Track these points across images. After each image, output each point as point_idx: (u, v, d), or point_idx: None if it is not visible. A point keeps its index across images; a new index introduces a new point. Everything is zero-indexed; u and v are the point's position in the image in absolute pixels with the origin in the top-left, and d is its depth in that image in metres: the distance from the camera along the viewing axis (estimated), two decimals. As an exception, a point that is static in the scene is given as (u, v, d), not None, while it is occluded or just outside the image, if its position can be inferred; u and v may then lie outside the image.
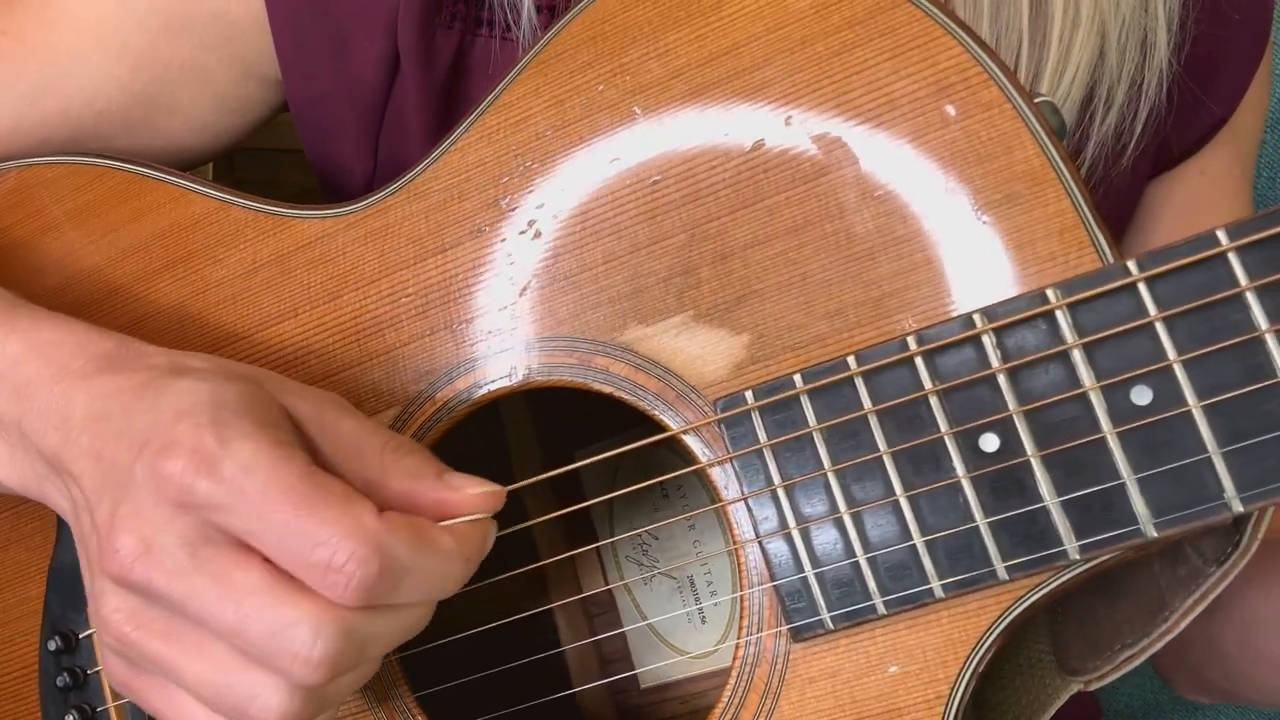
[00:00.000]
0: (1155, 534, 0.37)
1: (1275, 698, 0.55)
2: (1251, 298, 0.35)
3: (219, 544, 0.36)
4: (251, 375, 0.40)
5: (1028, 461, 0.38)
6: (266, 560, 0.36)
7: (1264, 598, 0.51)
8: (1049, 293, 0.37)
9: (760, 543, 0.42)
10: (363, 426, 0.40)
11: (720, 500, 0.43)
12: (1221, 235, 0.36)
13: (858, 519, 0.40)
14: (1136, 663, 0.44)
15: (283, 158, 0.82)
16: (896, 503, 0.40)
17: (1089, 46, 0.52)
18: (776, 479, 0.41)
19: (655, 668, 0.58)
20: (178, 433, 0.36)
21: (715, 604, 0.56)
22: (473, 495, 0.39)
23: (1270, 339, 0.35)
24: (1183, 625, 0.42)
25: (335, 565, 0.34)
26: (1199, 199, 0.64)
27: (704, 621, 0.57)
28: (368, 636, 0.36)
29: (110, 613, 0.38)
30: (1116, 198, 0.60)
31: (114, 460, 0.38)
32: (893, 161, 0.40)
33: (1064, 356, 0.37)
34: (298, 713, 0.36)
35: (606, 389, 0.44)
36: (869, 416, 0.40)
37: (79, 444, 0.39)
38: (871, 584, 0.40)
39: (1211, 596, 0.41)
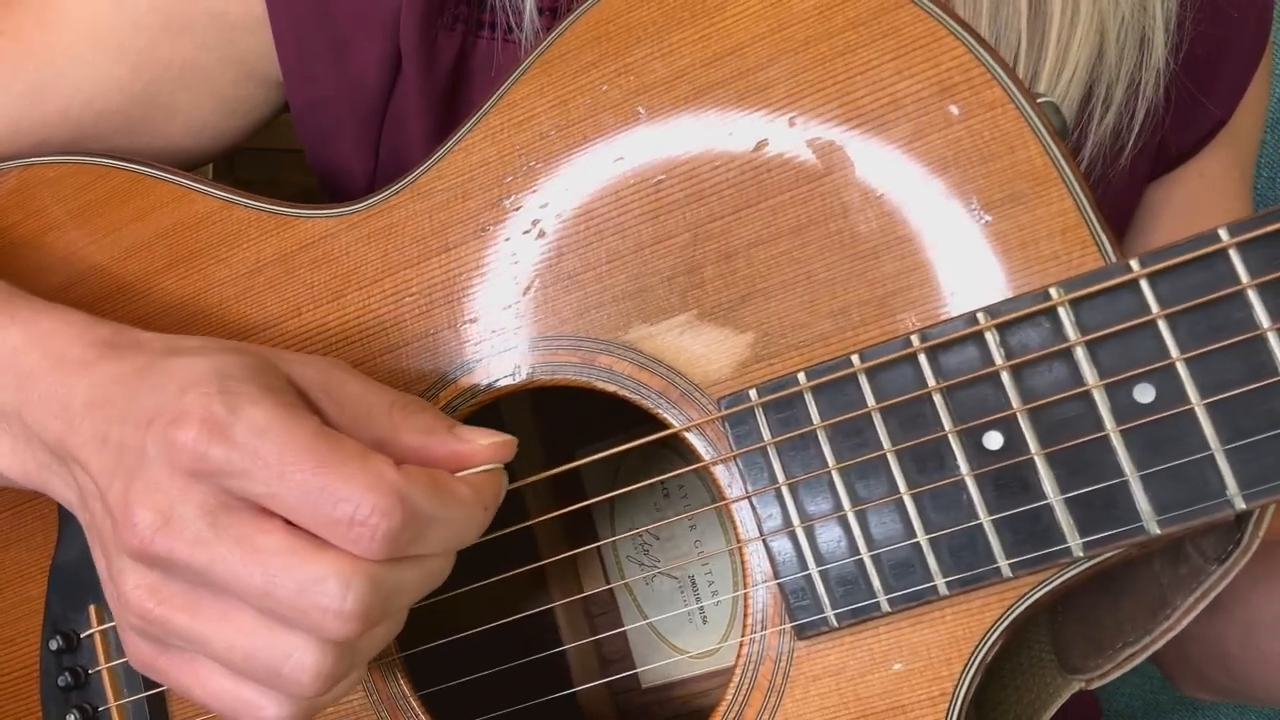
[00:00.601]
0: (1158, 531, 0.37)
1: (1278, 697, 0.56)
2: (1253, 295, 0.36)
3: (238, 510, 0.36)
4: (251, 349, 0.40)
5: (1031, 459, 0.38)
6: (288, 523, 0.36)
7: (1267, 598, 0.51)
8: (1052, 290, 0.38)
9: (764, 541, 0.42)
10: (370, 387, 0.40)
11: (724, 498, 0.43)
12: (1223, 233, 0.36)
13: (862, 517, 0.40)
14: (1138, 661, 0.44)
15: (283, 158, 0.82)
16: (900, 500, 0.40)
17: (1087, 45, 0.52)
18: (780, 477, 0.41)
19: (656, 667, 0.58)
20: (186, 403, 0.36)
21: (716, 603, 0.57)
22: (485, 446, 0.40)
23: (1272, 337, 0.36)
24: (1184, 623, 0.42)
25: (359, 519, 0.35)
26: (1198, 201, 0.64)
27: (705, 621, 0.57)
28: (395, 587, 0.37)
29: (131, 589, 0.37)
30: (1115, 198, 0.61)
31: (122, 441, 0.38)
32: (896, 161, 0.41)
33: (1067, 354, 0.38)
34: (332, 669, 0.36)
35: (610, 388, 0.44)
36: (873, 414, 0.40)
37: (82, 430, 0.39)
38: (875, 581, 0.40)
39: (1213, 594, 0.42)
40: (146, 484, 0.36)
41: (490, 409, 0.48)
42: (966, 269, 0.40)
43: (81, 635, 0.51)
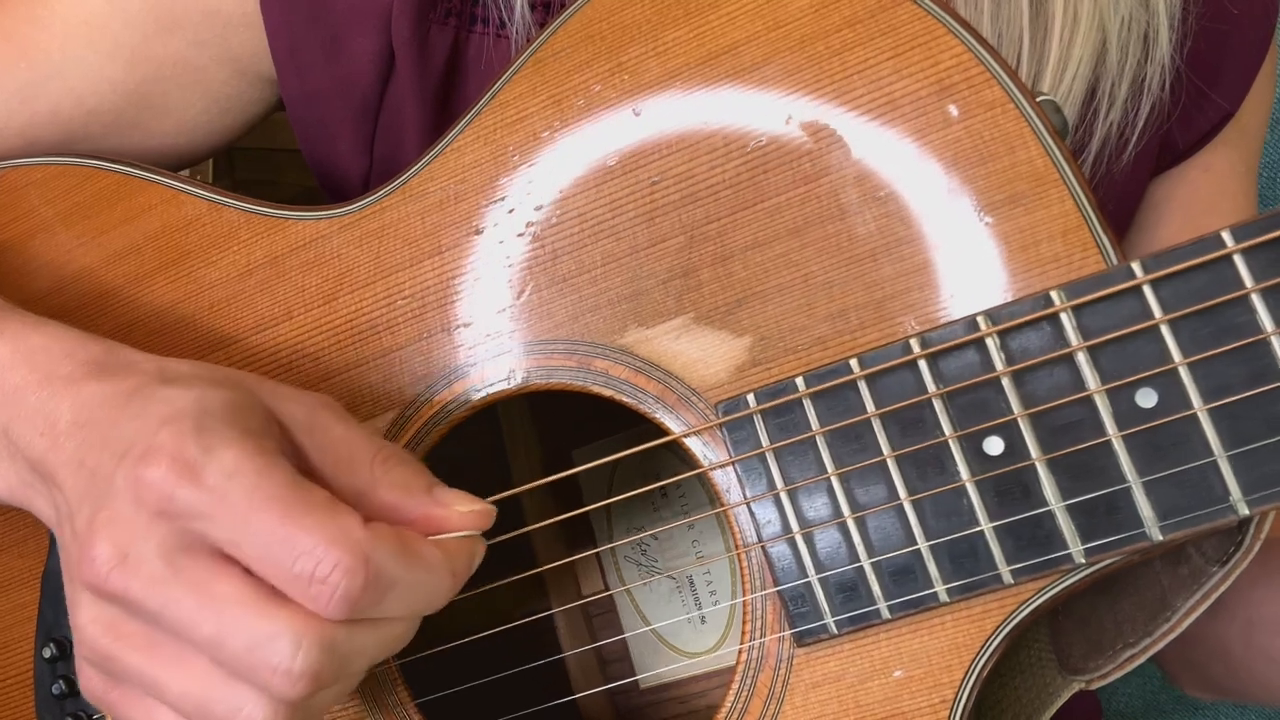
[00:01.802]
0: (1161, 537, 0.37)
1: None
2: (1257, 300, 0.35)
3: (198, 553, 0.35)
4: (240, 381, 0.40)
5: (1033, 465, 0.38)
6: (248, 571, 0.35)
7: (1268, 598, 0.51)
8: (1053, 295, 0.37)
9: (763, 547, 0.41)
10: (354, 434, 0.39)
11: (722, 503, 0.43)
12: (1226, 237, 0.35)
13: (861, 523, 0.40)
14: (1138, 662, 0.44)
15: (282, 157, 0.81)
16: (900, 506, 0.39)
17: (1090, 43, 0.52)
18: (779, 482, 0.41)
19: (655, 670, 0.57)
20: (160, 439, 0.35)
21: (715, 605, 0.56)
22: (462, 513, 0.38)
23: (1275, 341, 0.35)
24: (1185, 625, 0.42)
25: (319, 576, 0.34)
26: (1204, 196, 0.63)
27: (703, 622, 0.57)
28: (350, 650, 0.36)
29: (87, 623, 0.37)
30: (1119, 193, 0.60)
31: (96, 468, 0.37)
32: (894, 162, 0.40)
33: (1068, 359, 0.37)
34: None
35: (607, 392, 0.44)
36: (872, 420, 0.39)
37: (64, 450, 0.38)
38: (875, 588, 0.40)
39: (1214, 596, 0.41)
40: (109, 516, 0.36)
41: (487, 411, 0.47)
42: (966, 272, 0.39)
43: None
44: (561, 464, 0.47)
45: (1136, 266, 0.36)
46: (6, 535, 0.54)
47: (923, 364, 0.39)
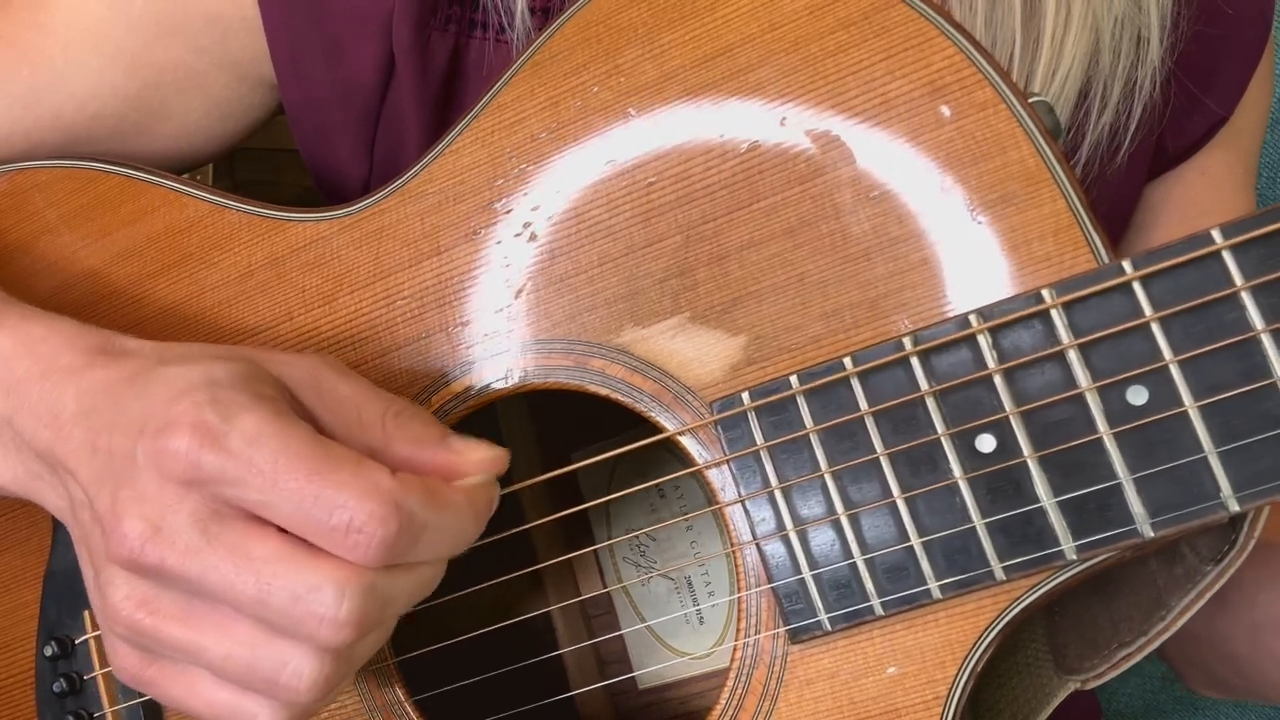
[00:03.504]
0: (1152, 534, 0.37)
1: None
2: (1247, 297, 0.35)
3: (230, 518, 0.36)
4: (240, 353, 0.40)
5: (1024, 462, 0.38)
6: (281, 530, 0.36)
7: (1275, 600, 0.51)
8: (1044, 293, 0.37)
9: (758, 544, 0.42)
10: (361, 391, 0.40)
11: (718, 502, 0.43)
12: (1216, 235, 0.36)
13: (855, 520, 0.40)
14: (1134, 661, 0.44)
15: (283, 158, 0.81)
16: (894, 504, 0.40)
17: (1082, 44, 0.52)
18: (773, 480, 0.41)
19: (653, 668, 0.58)
20: (177, 412, 0.36)
21: (713, 604, 0.56)
22: (477, 459, 0.40)
23: (1266, 338, 0.35)
24: (1180, 624, 0.42)
25: (355, 526, 0.34)
26: (1201, 199, 0.63)
27: (702, 622, 0.57)
28: (389, 594, 0.37)
29: (121, 600, 0.37)
30: (1113, 196, 0.60)
31: (111, 449, 0.37)
32: (888, 162, 0.40)
33: (1060, 357, 0.37)
34: (329, 676, 0.36)
35: (603, 391, 0.44)
36: (865, 418, 0.40)
37: (72, 438, 0.39)
38: (869, 585, 0.40)
39: (1209, 595, 0.41)
40: (135, 493, 0.36)
41: (486, 411, 0.48)
42: (959, 271, 0.40)
43: (76, 641, 0.50)
44: (560, 465, 0.47)
45: (1127, 264, 0.37)
46: (9, 535, 0.54)
47: (915, 362, 0.39)
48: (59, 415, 0.39)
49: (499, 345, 0.46)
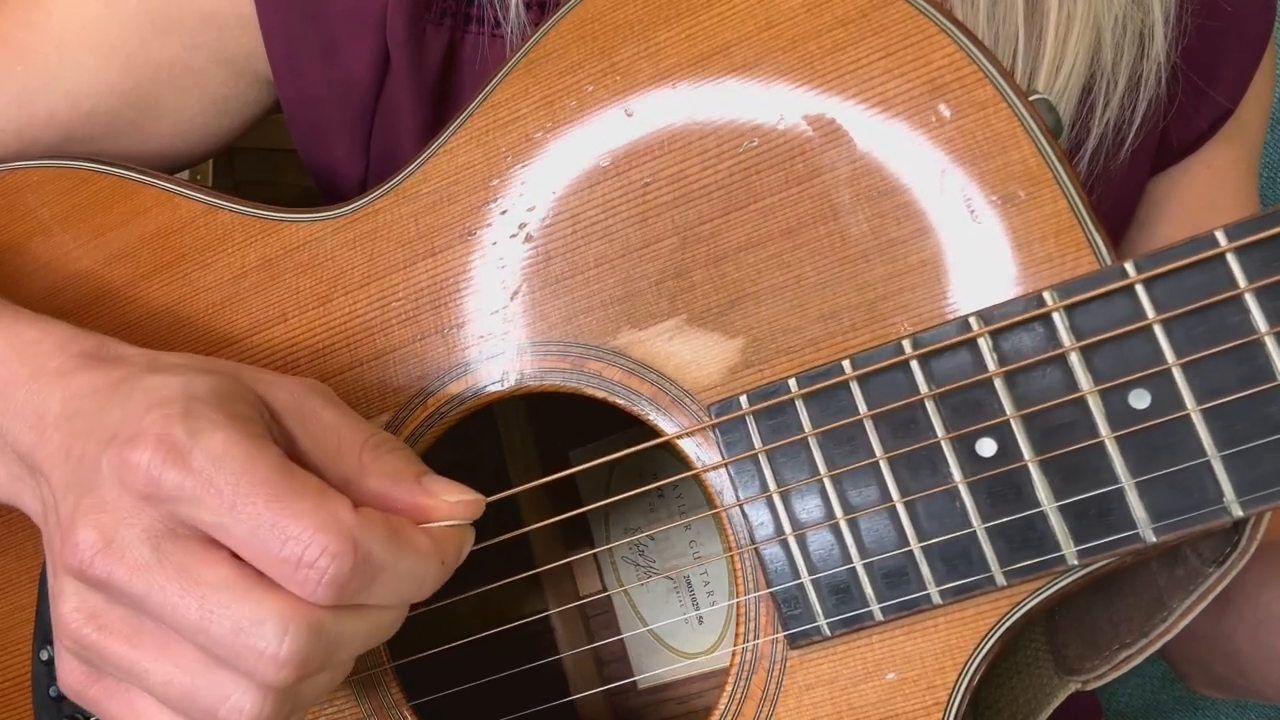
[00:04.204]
0: (1154, 539, 0.37)
1: None
2: (1251, 300, 0.35)
3: (184, 538, 0.35)
4: (229, 369, 0.39)
5: (1025, 466, 0.38)
6: (235, 556, 0.35)
7: (1277, 598, 0.51)
8: (1046, 295, 0.37)
9: (756, 548, 0.41)
10: (344, 419, 0.39)
11: (716, 505, 0.42)
12: (1220, 236, 0.35)
13: (854, 525, 0.40)
14: (1135, 663, 0.44)
15: (281, 158, 0.81)
16: (893, 508, 0.39)
17: (1085, 41, 0.51)
18: (772, 484, 0.41)
19: (653, 670, 0.57)
20: (146, 423, 0.35)
21: (712, 605, 0.56)
22: (450, 503, 0.38)
23: (1269, 341, 0.35)
24: (1181, 625, 0.42)
25: (307, 560, 0.33)
26: (1204, 194, 0.63)
27: (701, 623, 0.56)
28: (337, 637, 0.35)
29: (70, 612, 0.36)
30: (1117, 191, 0.60)
31: (83, 455, 0.37)
32: (887, 162, 0.40)
33: (1061, 360, 0.37)
34: (270, 715, 0.35)
35: (600, 394, 0.44)
36: (864, 421, 0.39)
37: (52, 442, 0.38)
38: (868, 590, 0.40)
39: (1211, 597, 0.41)
40: (94, 502, 0.35)
41: (484, 412, 0.47)
42: (959, 272, 0.39)
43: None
44: (559, 466, 0.46)
45: (1129, 266, 0.36)
46: (5, 538, 0.54)
47: (915, 365, 0.38)
48: (44, 418, 0.39)
49: (495, 347, 0.45)
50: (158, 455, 0.34)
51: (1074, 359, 0.37)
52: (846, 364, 0.39)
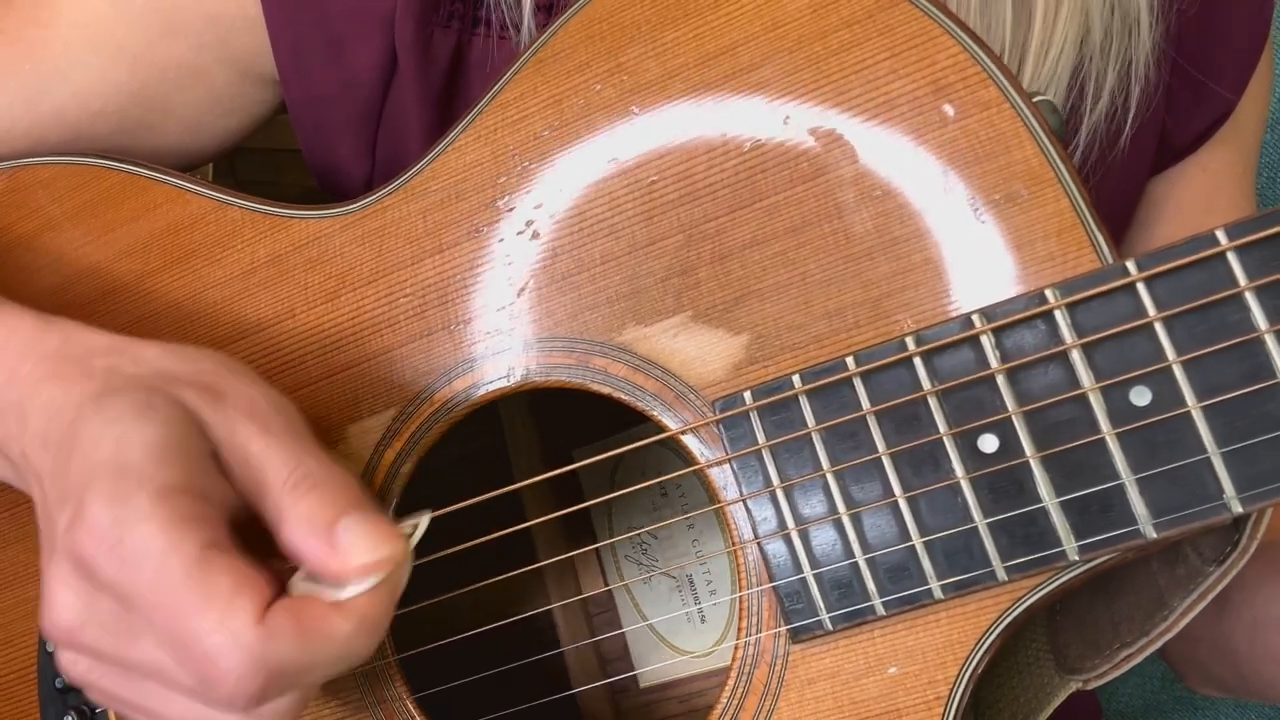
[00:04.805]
0: (1155, 535, 0.37)
1: None
2: (1251, 298, 0.35)
3: (141, 618, 0.36)
4: (179, 398, 0.38)
5: (1027, 462, 0.38)
6: None
7: (1275, 598, 0.51)
8: (1048, 293, 0.37)
9: (759, 543, 0.42)
10: (271, 452, 0.37)
11: (719, 501, 0.43)
12: (1221, 235, 0.35)
13: (856, 520, 0.40)
14: (1135, 662, 0.44)
15: (284, 158, 0.81)
16: (895, 504, 0.40)
17: (1074, 23, 0.52)
18: (775, 480, 0.41)
19: (655, 667, 0.58)
20: (84, 505, 0.35)
21: (715, 603, 0.56)
22: (360, 566, 0.36)
23: (1270, 339, 0.35)
24: (1181, 625, 0.42)
25: (213, 680, 0.34)
26: (1201, 195, 0.63)
27: (703, 621, 0.57)
28: (288, 686, 0.35)
29: (68, 664, 0.39)
30: (1116, 186, 0.60)
31: (50, 509, 0.38)
32: (891, 161, 0.40)
33: (1063, 357, 0.37)
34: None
35: (605, 390, 0.44)
36: (867, 417, 0.40)
37: (31, 464, 0.39)
38: (870, 585, 0.40)
39: (1211, 596, 0.41)
40: (60, 579, 0.36)
41: (488, 408, 0.47)
42: (962, 270, 0.40)
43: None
44: (562, 464, 0.47)
45: (1131, 265, 0.36)
46: (12, 530, 0.54)
47: (918, 361, 0.39)
48: (22, 435, 0.40)
49: (501, 343, 0.46)
50: (94, 547, 0.35)
51: (1075, 356, 0.37)
52: (850, 360, 0.40)
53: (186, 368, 0.40)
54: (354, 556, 0.36)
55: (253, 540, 0.37)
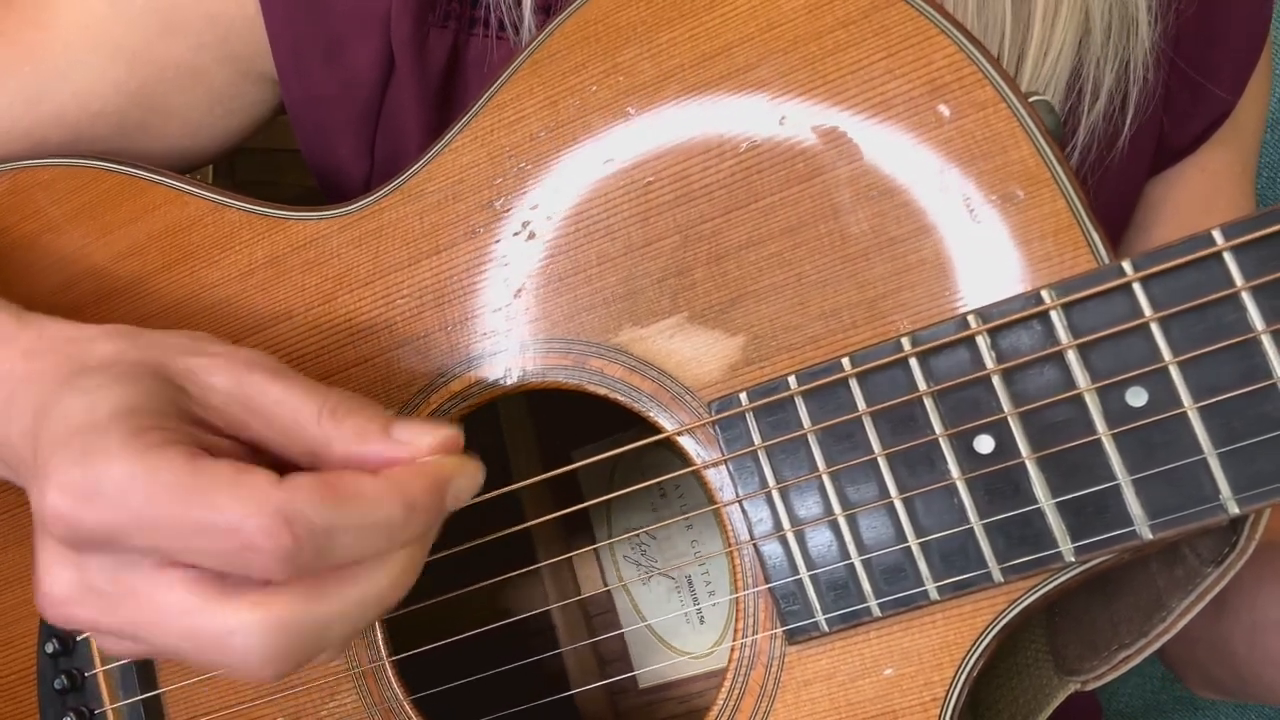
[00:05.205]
0: (1151, 536, 0.37)
1: None
2: (1247, 298, 0.35)
3: (137, 567, 0.34)
4: (150, 363, 0.37)
5: (1023, 463, 0.38)
6: (192, 567, 0.34)
7: (1273, 600, 0.51)
8: (1044, 293, 0.37)
9: (755, 545, 0.42)
10: (293, 391, 0.37)
11: (716, 502, 0.43)
12: (1217, 235, 0.35)
13: (852, 521, 0.40)
14: (1134, 663, 0.44)
15: (283, 158, 0.81)
16: (891, 505, 0.39)
17: (1073, 24, 0.52)
18: (771, 481, 0.41)
19: (654, 668, 0.58)
20: (51, 469, 0.34)
21: (713, 604, 0.56)
22: (425, 446, 0.36)
23: (1266, 339, 0.35)
24: (1180, 626, 0.42)
25: (248, 544, 0.32)
26: (1200, 197, 0.63)
27: (702, 621, 0.57)
28: (319, 621, 0.34)
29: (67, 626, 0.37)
30: (1114, 187, 0.60)
31: (24, 482, 0.37)
32: (887, 162, 0.40)
33: (1059, 358, 0.37)
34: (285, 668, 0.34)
35: (602, 391, 0.44)
36: (863, 418, 0.40)
37: (21, 456, 0.39)
38: (866, 586, 0.40)
39: (1209, 597, 0.41)
40: (45, 553, 0.35)
41: (486, 409, 0.48)
42: (958, 271, 0.39)
43: (77, 638, 0.51)
44: (561, 463, 0.47)
45: (1127, 265, 0.36)
46: (11, 532, 0.54)
47: (913, 362, 0.39)
48: (11, 424, 0.39)
49: (498, 344, 0.46)
50: (67, 503, 0.33)
51: (1071, 357, 0.37)
52: (846, 361, 0.40)
53: (166, 339, 0.39)
54: (417, 440, 0.36)
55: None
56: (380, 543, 0.35)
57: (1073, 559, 0.38)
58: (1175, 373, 0.36)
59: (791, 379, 0.40)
